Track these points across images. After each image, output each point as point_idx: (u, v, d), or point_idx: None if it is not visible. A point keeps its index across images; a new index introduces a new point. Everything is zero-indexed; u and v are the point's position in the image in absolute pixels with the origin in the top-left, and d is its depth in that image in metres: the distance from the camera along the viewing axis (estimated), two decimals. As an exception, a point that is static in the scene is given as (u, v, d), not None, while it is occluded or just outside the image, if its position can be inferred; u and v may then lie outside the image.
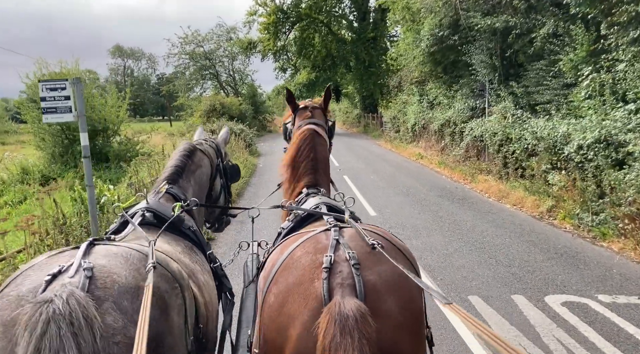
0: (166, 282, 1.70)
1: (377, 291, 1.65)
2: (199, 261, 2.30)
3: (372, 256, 1.77)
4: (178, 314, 1.69)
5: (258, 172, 17.66)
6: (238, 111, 32.46)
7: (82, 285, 1.45)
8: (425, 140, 21.02)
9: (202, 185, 2.98)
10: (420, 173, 15.90)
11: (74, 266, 1.52)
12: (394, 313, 1.64)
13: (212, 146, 3.24)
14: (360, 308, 1.49)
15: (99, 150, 18.42)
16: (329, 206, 2.43)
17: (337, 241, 1.84)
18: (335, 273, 1.68)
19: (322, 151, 2.91)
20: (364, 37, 38.93)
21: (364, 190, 12.94)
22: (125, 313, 1.48)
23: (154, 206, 2.39)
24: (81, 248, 1.68)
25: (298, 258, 1.84)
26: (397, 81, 26.28)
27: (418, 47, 17.85)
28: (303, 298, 1.68)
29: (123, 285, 1.54)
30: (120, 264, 1.64)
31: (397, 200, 11.45)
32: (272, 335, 1.74)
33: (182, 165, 2.81)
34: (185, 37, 44.80)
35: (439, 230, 8.64)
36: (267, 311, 1.79)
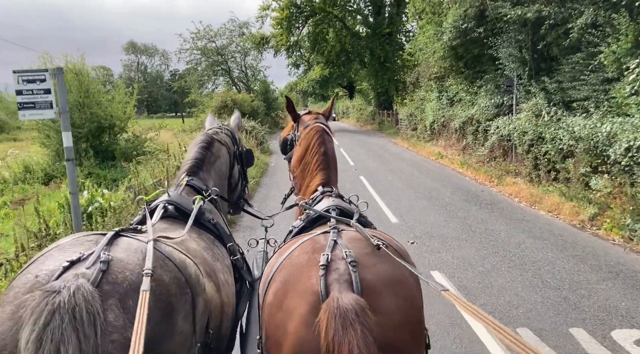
0: (177, 286, 1.67)
1: (374, 289, 1.65)
2: (220, 257, 2.29)
3: (370, 257, 1.78)
4: (184, 319, 1.65)
5: (270, 172, 16.85)
6: (250, 108, 31.68)
7: (94, 278, 1.45)
8: (444, 138, 20.04)
9: (222, 175, 2.99)
10: (441, 173, 14.96)
11: (93, 257, 1.53)
12: (391, 311, 1.62)
13: (227, 134, 3.21)
14: (358, 301, 1.50)
15: (105, 148, 17.76)
16: (341, 209, 2.39)
17: (335, 241, 1.86)
18: (331, 270, 1.69)
19: (332, 148, 2.89)
20: (379, 32, 37.89)
21: (383, 192, 12.06)
22: (128, 313, 1.46)
23: (175, 199, 2.40)
24: (105, 238, 1.68)
25: (296, 258, 1.87)
26: (415, 77, 25.24)
27: (439, 40, 16.85)
28: (300, 293, 1.69)
29: (133, 283, 1.52)
30: (138, 261, 1.62)
31: (420, 205, 10.54)
32: (272, 331, 1.75)
33: (201, 157, 2.81)
34: (197, 32, 44.14)
35: (470, 241, 7.73)
36: (267, 309, 1.80)
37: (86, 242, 1.68)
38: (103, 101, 17.91)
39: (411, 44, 23.31)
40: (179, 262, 1.77)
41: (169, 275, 1.65)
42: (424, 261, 6.83)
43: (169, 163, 10.46)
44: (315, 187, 2.72)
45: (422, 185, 13.02)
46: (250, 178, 13.40)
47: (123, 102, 18.48)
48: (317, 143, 2.82)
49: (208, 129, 3.18)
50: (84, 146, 16.86)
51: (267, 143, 23.80)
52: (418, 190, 12.32)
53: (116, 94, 19.03)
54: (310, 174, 2.80)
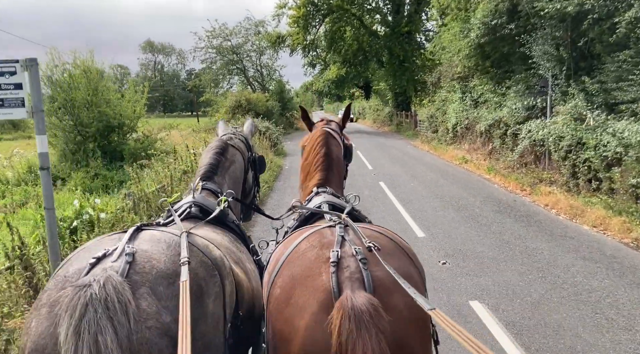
0: (205, 269, 1.71)
1: (385, 287, 1.64)
2: (244, 251, 2.36)
3: (379, 254, 1.75)
4: (214, 302, 1.69)
5: (283, 175, 16.00)
6: (264, 108, 30.90)
7: (122, 270, 1.50)
8: (468, 141, 18.99)
9: (236, 180, 2.99)
10: (467, 180, 13.96)
11: (118, 251, 1.58)
12: (401, 309, 1.63)
13: (242, 140, 3.23)
14: (372, 302, 1.49)
15: (114, 148, 17.10)
16: (332, 204, 2.44)
17: (343, 237, 1.85)
18: (342, 268, 1.68)
19: (336, 151, 2.89)
20: (398, 31, 36.86)
21: (405, 200, 11.12)
22: (160, 299, 1.50)
23: (200, 201, 2.45)
24: (127, 233, 1.73)
25: (303, 252, 1.85)
26: (436, 77, 24.19)
27: (466, 37, 15.84)
28: (311, 290, 1.67)
29: (161, 270, 1.57)
30: (162, 249, 1.67)
31: (447, 216, 9.59)
32: (280, 326, 1.72)
33: (215, 162, 2.84)
34: (212, 30, 43.53)
35: (510, 262, 6.78)
36: (274, 303, 1.78)
37: (110, 241, 1.73)
38: (112, 99, 17.26)
39: (434, 43, 22.24)
40: (203, 247, 1.81)
41: (195, 259, 1.68)
42: (460, 288, 5.90)
43: (174, 167, 9.67)
44: (311, 188, 2.74)
45: (448, 192, 12.05)
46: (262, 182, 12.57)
47: (133, 100, 17.80)
48: (319, 145, 2.82)
49: (222, 135, 3.18)
50: (91, 146, 16.24)
51: (281, 145, 22.98)
52: (444, 198, 11.36)
53: (126, 92, 18.38)
54: (310, 175, 2.81)
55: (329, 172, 2.79)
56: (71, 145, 16.56)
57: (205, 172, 2.78)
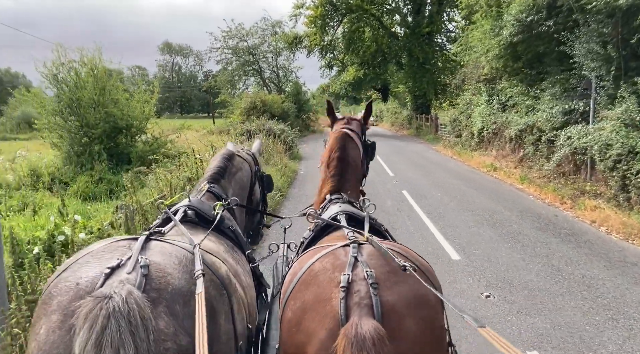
0: (214, 288, 1.68)
1: (396, 312, 1.59)
2: (240, 261, 2.27)
3: (392, 276, 1.71)
4: (226, 319, 1.68)
5: (298, 181, 15.00)
6: (280, 109, 29.97)
7: (139, 283, 1.44)
8: (496, 147, 17.80)
9: (243, 187, 3.00)
10: (498, 190, 12.80)
11: (132, 262, 1.53)
12: (414, 334, 1.58)
13: (249, 154, 3.28)
14: (377, 330, 1.45)
15: (121, 151, 16.31)
16: (349, 215, 2.36)
17: (356, 258, 1.79)
18: (352, 293, 1.64)
19: (353, 154, 2.84)
20: (419, 32, 35.63)
21: (433, 214, 10.04)
22: (177, 318, 1.47)
23: (195, 205, 2.38)
24: (139, 242, 1.67)
25: (315, 275, 1.80)
26: (460, 79, 23.01)
27: (497, 36, 14.68)
28: (320, 316, 1.64)
29: (176, 288, 1.53)
30: (174, 264, 1.63)
31: (483, 234, 8.49)
32: (290, 351, 1.72)
33: (223, 166, 2.85)
34: (228, 31, 42.82)
35: (568, 297, 5.67)
36: (286, 327, 1.77)
37: (119, 248, 1.66)
38: (120, 99, 16.48)
39: (459, 42, 21.08)
40: (211, 264, 1.77)
41: (205, 278, 1.61)
42: (513, 332, 4.82)
43: (177, 174, 8.74)
44: (324, 196, 2.68)
45: (479, 204, 10.93)
46: (275, 190, 11.60)
47: (142, 100, 17.00)
48: (335, 149, 2.78)
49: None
50: (97, 148, 15.45)
51: (296, 148, 22.01)
52: (476, 211, 10.25)
53: (135, 92, 17.60)
54: (324, 182, 2.75)
55: (343, 177, 2.73)
56: (77, 147, 15.81)
57: (212, 174, 2.78)
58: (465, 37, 19.43)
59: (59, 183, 14.03)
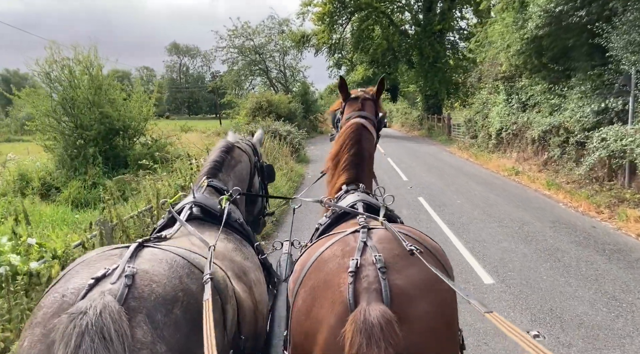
0: None
1: (405, 295, 1.56)
2: (249, 256, 2.23)
3: (401, 260, 1.67)
4: (215, 328, 1.51)
5: (304, 186, 13.93)
6: (287, 110, 28.98)
7: (120, 294, 1.40)
8: (516, 149, 16.67)
9: (242, 180, 2.93)
10: (523, 196, 11.69)
11: (118, 271, 1.48)
12: (423, 318, 1.54)
13: (248, 144, 3.20)
14: (385, 315, 1.42)
15: (118, 154, 15.38)
16: (367, 204, 2.36)
17: (365, 243, 1.77)
18: (360, 278, 1.60)
19: (368, 147, 2.81)
20: (430, 30, 34.53)
21: (455, 224, 8.98)
22: (156, 328, 1.41)
23: (201, 201, 2.34)
24: (129, 250, 1.62)
25: (325, 262, 1.78)
26: (476, 77, 21.88)
27: (522, 29, 13.56)
28: (329, 303, 1.61)
29: (160, 296, 1.47)
30: (164, 271, 1.57)
31: (516, 250, 7.42)
32: (300, 339, 1.70)
33: (220, 160, 2.80)
34: (234, 29, 41.94)
35: (638, 337, 4.60)
36: (296, 315, 1.75)
37: (111, 256, 1.63)
38: (117, 99, 15.57)
39: (477, 37, 19.95)
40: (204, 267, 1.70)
41: (197, 282, 1.59)
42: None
43: (170, 180, 7.76)
44: (339, 186, 2.66)
45: (506, 214, 9.85)
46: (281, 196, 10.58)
47: (140, 101, 16.08)
48: (351, 143, 2.72)
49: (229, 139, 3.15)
50: (91, 151, 14.51)
51: (303, 150, 20.99)
52: (503, 222, 9.17)
53: (134, 92, 16.68)
54: (338, 173, 2.72)
55: (359, 169, 2.69)
56: (71, 150, 14.90)
57: (210, 168, 2.72)
58: (484, 32, 18.30)
59: (49, 189, 13.15)
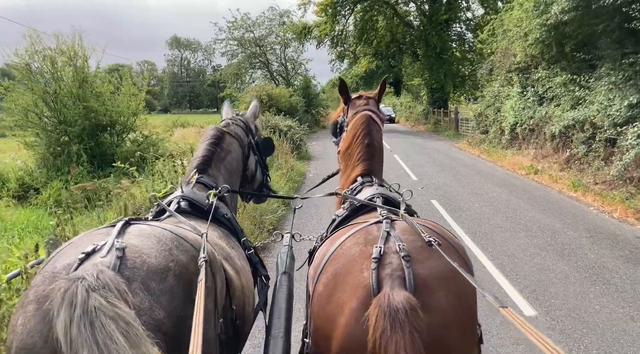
0: (196, 264, 1.63)
1: (428, 286, 1.57)
2: (235, 247, 2.28)
3: (424, 251, 1.69)
4: (206, 297, 1.56)
5: (306, 186, 12.82)
6: (287, 104, 27.81)
7: (113, 265, 1.43)
8: (534, 146, 15.53)
9: (233, 170, 2.91)
10: (548, 199, 10.57)
11: (107, 246, 1.51)
12: (444, 309, 1.55)
13: (239, 125, 3.10)
14: (410, 300, 1.43)
15: (105, 151, 14.27)
16: (385, 198, 2.36)
17: (388, 233, 1.79)
18: (384, 264, 1.62)
19: (378, 138, 2.82)
20: (436, 20, 33.23)
21: (477, 234, 7.88)
22: (153, 294, 1.44)
23: (188, 195, 2.38)
24: (116, 228, 1.64)
25: (348, 249, 1.80)
26: (488, 68, 20.69)
27: (544, 14, 12.37)
28: (351, 287, 1.63)
29: (152, 266, 1.50)
30: (152, 244, 1.60)
31: (555, 269, 6.31)
32: (321, 323, 1.72)
33: (209, 154, 2.75)
34: (234, 21, 40.69)
35: None
36: (317, 300, 1.76)
37: (98, 235, 1.63)
38: (103, 92, 14.45)
39: (492, 25, 18.74)
40: (194, 241, 1.75)
41: (186, 254, 1.64)
42: None
43: (146, 186, 6.67)
44: (354, 177, 2.66)
45: (532, 220, 8.73)
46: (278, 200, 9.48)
47: (129, 94, 14.96)
48: (363, 134, 2.71)
49: (222, 120, 3.13)
50: (75, 148, 13.40)
51: (305, 147, 19.86)
52: (531, 230, 8.06)
53: (124, 85, 15.54)
54: (353, 164, 2.71)
55: (372, 161, 2.69)
56: (54, 147, 13.80)
57: (199, 164, 2.68)
58: (499, 20, 17.10)
59: (28, 191, 12.08)
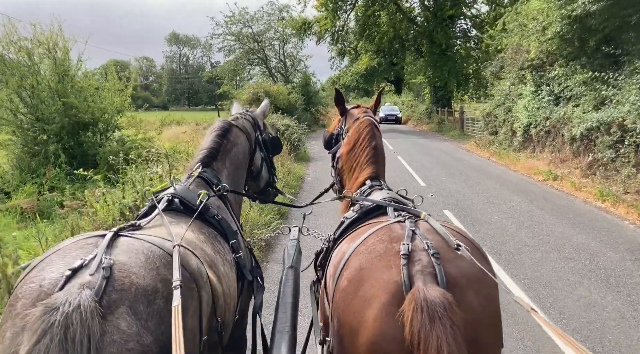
0: (184, 284, 1.55)
1: (458, 284, 1.56)
2: (220, 251, 2.22)
3: (451, 251, 1.68)
4: (192, 316, 1.61)
5: (305, 192, 11.71)
6: (286, 101, 26.69)
7: (98, 287, 1.38)
8: (550, 149, 14.42)
9: (238, 165, 2.88)
10: (575, 211, 9.46)
11: (95, 262, 1.47)
12: (475, 308, 1.53)
13: (248, 119, 3.10)
14: (446, 296, 1.42)
15: (86, 151, 13.14)
16: (396, 201, 2.32)
17: (413, 231, 1.78)
18: (414, 261, 1.61)
19: (381, 144, 2.83)
20: (440, 16, 32.10)
21: (504, 255, 6.78)
22: (140, 319, 1.42)
23: (180, 193, 2.35)
24: (105, 240, 1.60)
25: (372, 245, 1.79)
26: (498, 66, 19.58)
27: (570, 4, 11.25)
28: (381, 282, 1.60)
29: (141, 287, 1.46)
30: (141, 262, 1.56)
31: (604, 304, 5.20)
32: (347, 317, 1.69)
33: (216, 146, 2.73)
34: (231, 15, 39.48)
35: None
36: (341, 295, 1.74)
37: (86, 245, 1.61)
38: (85, 87, 13.32)
39: (506, 18, 17.61)
40: (181, 258, 1.66)
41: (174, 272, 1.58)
42: None
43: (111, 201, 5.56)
44: (363, 180, 2.64)
45: (562, 237, 7.62)
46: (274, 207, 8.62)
47: (113, 89, 13.83)
48: (368, 137, 2.73)
49: (231, 116, 3.12)
50: (52, 148, 12.27)
51: (304, 147, 18.72)
52: (563, 250, 6.96)
53: (109, 81, 14.40)
54: (360, 167, 2.71)
55: (379, 165, 2.70)
56: (30, 147, 12.68)
57: (204, 156, 2.65)
58: (513, 13, 15.98)
59: (-3, 194, 10.95)
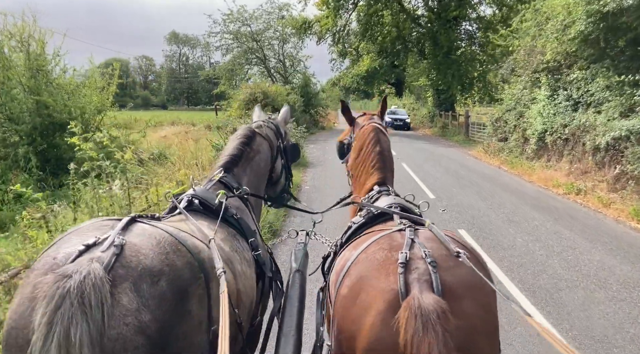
0: (190, 271, 1.65)
1: (454, 292, 1.58)
2: (239, 249, 2.29)
3: (449, 259, 1.71)
4: (198, 304, 1.63)
5: (302, 200, 10.50)
6: (285, 102, 25.53)
7: (108, 261, 1.45)
8: (569, 159, 13.27)
9: (259, 172, 2.97)
10: (609, 233, 8.30)
11: (108, 241, 1.53)
12: (471, 316, 1.56)
13: (271, 127, 3.18)
14: (440, 303, 1.44)
15: (61, 155, 11.96)
16: (402, 207, 2.35)
17: (412, 240, 1.81)
18: (411, 269, 1.64)
19: (387, 147, 2.86)
20: (445, 17, 31.00)
21: (538, 293, 5.63)
22: (142, 296, 1.46)
23: (199, 194, 2.42)
24: (121, 223, 1.68)
25: (372, 254, 1.82)
26: (509, 68, 18.45)
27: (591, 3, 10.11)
28: (378, 290, 1.64)
29: (146, 267, 1.52)
30: (151, 245, 1.62)
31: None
32: (345, 324, 1.73)
33: (239, 153, 2.82)
34: (229, 13, 38.33)
35: None
36: (341, 302, 1.77)
37: (103, 226, 1.69)
38: (63, 84, 12.14)
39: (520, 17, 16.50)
40: (192, 247, 1.74)
41: (182, 259, 1.65)
42: None
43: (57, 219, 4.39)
44: (371, 186, 2.67)
45: (603, 268, 6.47)
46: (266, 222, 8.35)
47: (94, 87, 12.66)
48: (372, 142, 2.78)
49: (253, 122, 3.19)
50: (21, 151, 11.09)
51: (302, 151, 17.52)
52: (607, 284, 5.80)
53: (91, 79, 13.23)
54: (366, 173, 2.76)
55: (386, 170, 2.73)
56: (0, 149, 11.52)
57: (226, 162, 2.75)
58: (532, 10, 14.85)
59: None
